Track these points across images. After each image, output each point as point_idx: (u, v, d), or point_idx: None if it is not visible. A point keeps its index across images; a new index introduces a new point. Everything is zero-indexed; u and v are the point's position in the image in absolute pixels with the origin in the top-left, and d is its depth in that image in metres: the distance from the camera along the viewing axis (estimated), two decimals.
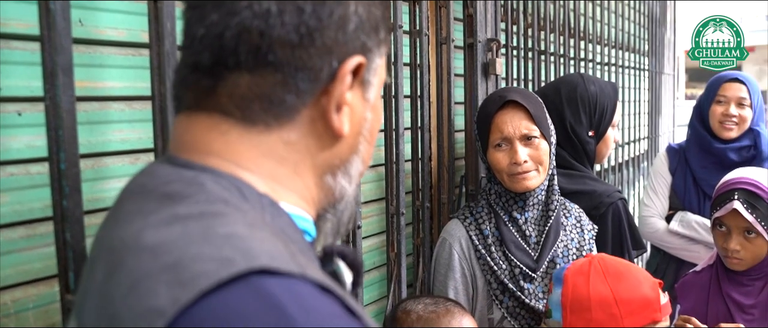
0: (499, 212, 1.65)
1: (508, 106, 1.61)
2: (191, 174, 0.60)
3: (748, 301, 1.81)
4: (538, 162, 1.60)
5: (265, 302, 0.48)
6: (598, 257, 1.41)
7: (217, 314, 0.47)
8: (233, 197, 0.58)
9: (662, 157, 2.61)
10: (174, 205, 0.56)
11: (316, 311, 0.49)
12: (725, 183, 1.85)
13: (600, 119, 1.93)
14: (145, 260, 0.51)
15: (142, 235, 0.54)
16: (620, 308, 1.32)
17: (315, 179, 0.66)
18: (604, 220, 1.82)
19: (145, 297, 0.49)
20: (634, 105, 3.96)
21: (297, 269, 0.51)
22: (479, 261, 1.63)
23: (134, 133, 1.21)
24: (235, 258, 0.50)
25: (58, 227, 0.97)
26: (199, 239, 0.52)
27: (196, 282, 0.48)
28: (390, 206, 1.73)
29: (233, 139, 0.61)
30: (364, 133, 0.69)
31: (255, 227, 0.55)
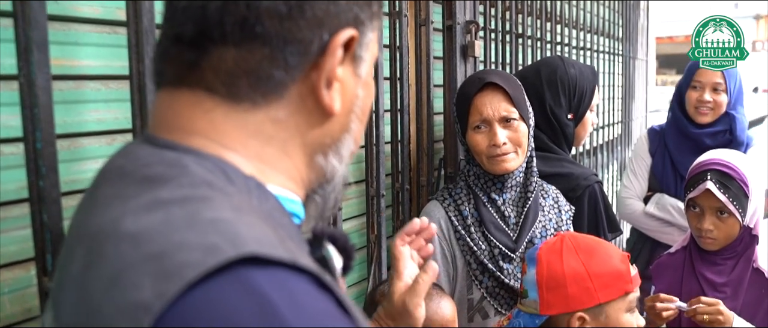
0: (478, 194, 1.66)
1: (488, 88, 1.61)
2: (173, 155, 0.56)
3: (720, 279, 1.85)
4: (517, 144, 1.61)
5: (255, 299, 0.45)
6: (568, 235, 1.43)
7: (204, 311, 0.44)
8: (218, 180, 0.55)
9: (643, 139, 2.64)
10: (155, 189, 0.53)
11: (308, 308, 0.47)
12: (698, 164, 1.88)
13: (579, 102, 1.94)
14: (126, 250, 0.48)
15: (122, 222, 0.50)
16: (594, 281, 1.34)
17: (305, 159, 0.63)
18: (581, 202, 1.84)
19: (128, 291, 0.46)
20: (609, 89, 4.00)
21: (287, 255, 0.49)
22: (459, 242, 1.64)
23: (111, 113, 1.19)
24: (222, 245, 0.47)
25: (35, 208, 0.94)
26: (184, 226, 0.49)
27: (181, 273, 0.45)
28: (370, 188, 1.73)
29: (218, 118, 0.58)
30: (355, 111, 0.66)
31: (242, 211, 0.52)
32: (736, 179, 1.79)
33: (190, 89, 0.59)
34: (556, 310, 1.38)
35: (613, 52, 4.14)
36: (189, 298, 0.45)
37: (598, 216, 1.87)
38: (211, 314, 0.44)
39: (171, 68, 0.60)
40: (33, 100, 0.91)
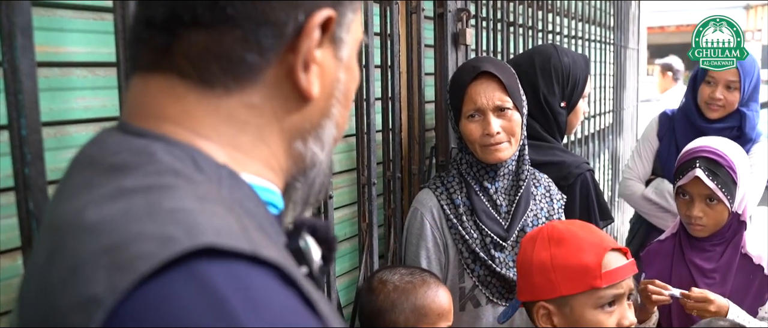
0: (470, 182, 1.65)
1: (482, 77, 1.61)
2: (142, 143, 0.54)
3: (709, 265, 1.86)
4: (511, 133, 1.61)
5: (207, 295, 0.43)
6: (551, 224, 1.42)
7: (155, 307, 0.43)
8: (186, 168, 0.53)
9: (653, 122, 2.64)
10: (120, 178, 0.51)
11: (265, 305, 0.45)
12: (687, 152, 1.89)
13: (572, 91, 1.94)
14: (85, 241, 0.47)
15: (84, 212, 0.49)
16: (556, 273, 1.33)
17: (283, 145, 0.61)
18: (572, 190, 1.84)
19: (83, 284, 0.45)
20: (600, 79, 4.00)
21: (248, 247, 0.47)
22: (451, 230, 1.64)
23: (98, 100, 1.17)
24: (178, 235, 0.45)
25: (21, 196, 0.93)
26: (143, 216, 0.47)
27: (134, 266, 0.44)
28: (361, 177, 1.72)
29: (190, 104, 0.56)
30: (336, 95, 0.64)
31: (206, 201, 0.50)
32: (724, 166, 1.80)
33: (162, 74, 0.57)
34: (525, 297, 1.39)
35: (605, 41, 4.14)
36: (141, 292, 0.43)
37: (590, 204, 1.87)
38: (161, 310, 0.43)
39: (144, 53, 0.58)
40: (17, 86, 0.90)
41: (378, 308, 1.37)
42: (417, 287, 1.38)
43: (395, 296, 1.37)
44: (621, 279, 1.32)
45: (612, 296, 1.31)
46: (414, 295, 1.38)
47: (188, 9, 0.55)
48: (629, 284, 1.35)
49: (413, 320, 1.36)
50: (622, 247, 1.36)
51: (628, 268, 1.34)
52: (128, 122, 0.58)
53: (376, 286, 1.41)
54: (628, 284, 1.34)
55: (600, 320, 1.32)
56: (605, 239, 1.37)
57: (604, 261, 1.32)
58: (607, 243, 1.35)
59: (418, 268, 1.50)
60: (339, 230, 1.80)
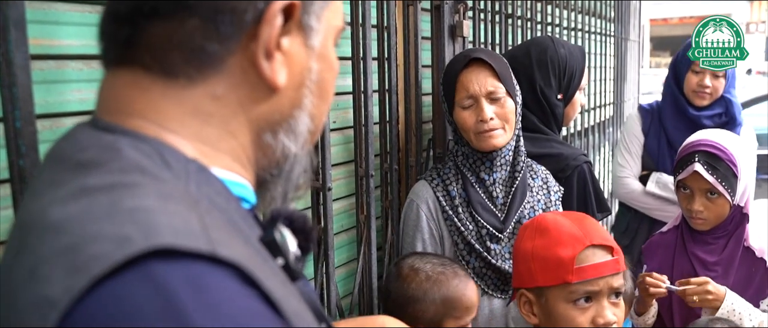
0: (466, 174, 1.66)
1: (474, 65, 1.61)
2: (110, 139, 0.54)
3: (712, 258, 1.86)
4: (505, 120, 1.61)
5: (161, 297, 0.43)
6: (543, 214, 1.42)
7: (108, 309, 0.43)
8: (153, 165, 0.52)
9: (635, 118, 2.62)
10: (85, 175, 0.51)
11: (221, 307, 0.44)
12: (687, 146, 1.89)
13: (569, 83, 1.94)
14: (45, 241, 0.47)
15: (47, 211, 0.49)
16: (535, 264, 1.32)
17: (251, 137, 0.60)
18: (570, 182, 1.84)
19: (40, 284, 0.45)
20: (600, 71, 4.00)
21: (206, 247, 0.46)
22: (446, 222, 1.64)
23: (93, 93, 1.16)
24: (134, 236, 0.45)
25: (16, 188, 0.94)
26: (102, 216, 0.47)
27: (89, 267, 0.44)
28: (359, 169, 1.73)
29: (156, 97, 0.56)
30: (308, 85, 0.62)
31: (169, 199, 0.49)
32: (724, 160, 1.79)
33: (128, 68, 0.57)
34: (514, 283, 1.41)
35: (605, 34, 4.13)
36: (96, 294, 0.43)
37: (588, 196, 1.87)
38: (114, 312, 0.43)
39: (111, 47, 0.58)
40: (11, 79, 0.90)
41: (409, 296, 1.36)
42: (449, 279, 1.38)
43: (427, 286, 1.36)
44: (595, 276, 1.28)
45: (584, 292, 1.29)
46: (446, 286, 1.37)
47: (148, 1, 0.55)
48: (610, 283, 1.30)
49: (442, 311, 1.35)
50: (609, 244, 1.32)
51: (607, 266, 1.29)
52: (99, 117, 0.58)
53: (407, 273, 1.40)
54: (607, 282, 1.29)
55: (571, 315, 1.30)
56: (590, 233, 1.32)
57: (579, 256, 1.29)
58: (590, 238, 1.31)
59: (448, 258, 1.50)
60: (336, 221, 1.80)
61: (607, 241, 1.32)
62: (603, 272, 1.29)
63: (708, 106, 2.45)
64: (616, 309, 1.32)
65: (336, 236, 1.78)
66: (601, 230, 1.38)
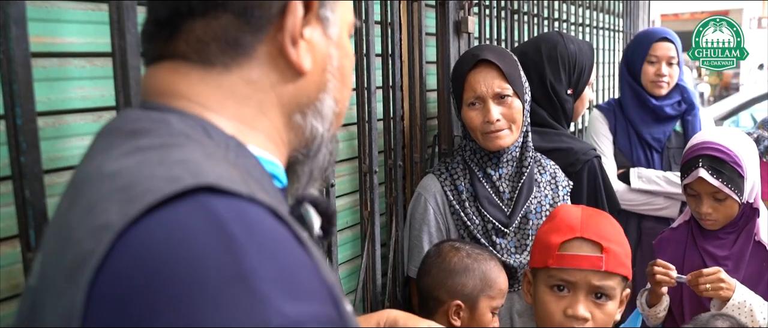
0: (473, 169, 1.67)
1: (482, 65, 1.61)
2: (157, 114, 0.61)
3: (722, 252, 1.85)
4: (511, 121, 1.61)
5: (208, 217, 0.49)
6: (573, 205, 1.45)
7: (162, 228, 0.48)
8: (197, 134, 0.59)
9: (599, 118, 2.59)
10: (137, 139, 0.57)
11: (258, 230, 0.50)
12: (690, 149, 1.88)
13: (578, 78, 1.94)
14: (102, 185, 0.53)
15: (102, 165, 0.55)
16: (535, 245, 1.42)
17: (283, 119, 0.66)
18: (580, 177, 1.84)
19: (97, 216, 0.50)
20: (609, 67, 3.97)
21: (246, 190, 0.52)
22: (453, 216, 1.65)
23: (96, 90, 1.18)
24: (183, 176, 0.51)
25: (17, 184, 0.95)
26: (153, 164, 0.53)
27: (143, 198, 0.49)
28: (363, 165, 1.73)
29: (195, 82, 0.63)
30: (330, 70, 0.69)
31: (212, 157, 0.56)
32: (728, 162, 1.78)
33: (169, 61, 0.64)
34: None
35: (613, 29, 4.10)
36: (149, 219, 0.49)
37: (598, 191, 1.86)
38: (168, 229, 0.48)
39: (153, 47, 0.66)
40: (12, 76, 0.91)
41: (451, 269, 1.43)
42: (488, 260, 1.46)
43: (469, 262, 1.44)
44: (572, 266, 1.29)
45: (560, 278, 1.31)
46: (486, 265, 1.45)
47: (185, 2, 0.62)
48: (589, 279, 1.29)
49: (480, 287, 1.42)
50: (601, 242, 1.30)
51: (588, 260, 1.29)
52: (145, 100, 0.65)
53: (448, 250, 1.47)
54: (586, 277, 1.29)
55: (547, 300, 1.34)
56: (589, 227, 1.32)
57: (564, 243, 1.31)
58: (584, 231, 1.31)
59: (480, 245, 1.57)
60: (340, 218, 1.80)
61: (602, 239, 1.31)
62: (581, 264, 1.29)
63: (666, 95, 2.47)
64: (595, 309, 1.31)
65: (340, 233, 1.78)
66: (609, 229, 1.35)
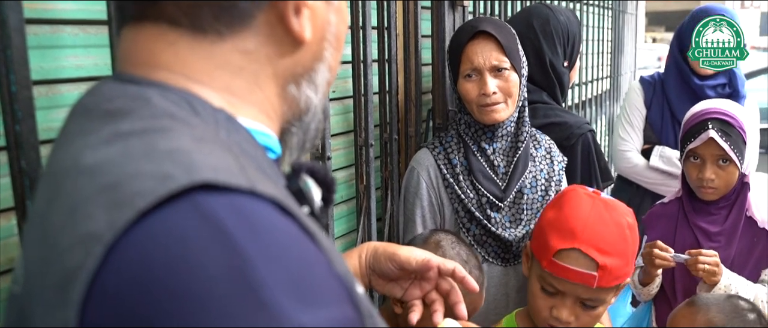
0: (468, 142, 1.65)
1: (480, 37, 1.60)
2: (137, 89, 0.54)
3: (714, 228, 1.86)
4: (507, 94, 1.60)
5: (207, 223, 0.44)
6: (585, 189, 1.43)
7: (157, 238, 0.44)
8: (182, 112, 0.53)
9: (637, 90, 2.56)
10: (116, 122, 0.51)
11: (263, 230, 0.46)
12: (696, 114, 1.88)
13: (572, 49, 1.94)
14: (83, 183, 0.48)
15: (80, 156, 0.50)
16: (538, 230, 1.43)
17: (277, 90, 0.62)
18: (574, 151, 1.84)
19: (82, 222, 0.45)
20: (598, 44, 3.98)
21: (246, 183, 0.47)
22: (447, 190, 1.64)
23: (89, 59, 1.15)
24: (175, 173, 0.46)
25: (13, 154, 0.92)
26: (140, 157, 0.47)
27: (133, 202, 0.44)
28: (359, 138, 1.71)
29: (183, 50, 0.56)
30: (328, 39, 0.64)
31: (203, 141, 0.50)
32: (735, 127, 1.80)
33: (153, 23, 0.57)
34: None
35: (603, 6, 4.10)
36: (141, 226, 0.44)
37: (591, 165, 1.87)
38: (164, 241, 0.43)
39: (132, 3, 0.58)
40: (5, 41, 0.88)
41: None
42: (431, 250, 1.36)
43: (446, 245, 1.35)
44: (565, 278, 1.28)
45: (550, 283, 1.32)
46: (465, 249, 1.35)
47: None
48: (578, 292, 1.29)
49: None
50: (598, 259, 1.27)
51: (581, 276, 1.27)
52: (123, 71, 0.58)
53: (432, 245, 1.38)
54: (575, 290, 1.29)
55: (536, 293, 1.36)
56: (590, 237, 1.29)
57: (560, 253, 1.29)
58: (583, 242, 1.28)
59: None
60: (336, 192, 1.79)
61: (600, 252, 1.28)
62: (573, 278, 1.28)
63: (712, 76, 2.41)
64: (582, 313, 1.31)
65: (335, 207, 1.77)
66: (611, 238, 1.30)
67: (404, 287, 1.06)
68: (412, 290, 1.06)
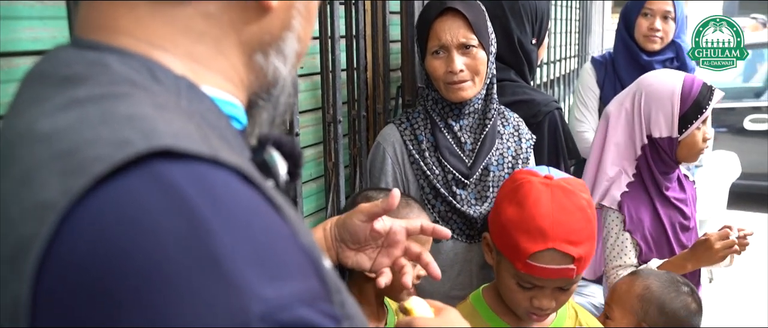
0: (435, 119, 1.65)
1: (448, 14, 1.59)
2: (95, 55, 0.52)
3: (682, 195, 1.90)
4: (475, 72, 1.60)
5: (166, 192, 0.42)
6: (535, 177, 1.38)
7: (114, 208, 0.42)
8: (142, 78, 0.51)
9: (589, 71, 2.61)
10: (73, 88, 0.49)
11: (226, 200, 0.44)
12: None
13: (540, 26, 1.95)
14: (37, 150, 0.46)
15: (35, 123, 0.47)
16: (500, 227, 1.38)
17: (243, 58, 0.59)
18: (541, 128, 1.85)
19: (34, 191, 0.43)
20: (565, 23, 4.00)
21: (208, 150, 0.46)
22: (413, 166, 1.64)
23: (47, 31, 1.12)
24: (134, 139, 0.44)
25: None
26: (97, 123, 0.45)
27: (88, 169, 0.42)
28: (327, 115, 1.70)
29: (143, 15, 0.54)
30: (297, 7, 0.61)
31: (164, 109, 0.48)
32: None
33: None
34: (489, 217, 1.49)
35: None
36: (97, 194, 0.42)
37: (558, 142, 1.89)
38: (120, 210, 0.42)
39: None
40: None
41: None
42: (400, 208, 1.36)
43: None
44: (544, 277, 1.28)
45: (528, 281, 1.30)
46: (395, 214, 1.34)
47: None
48: (557, 284, 1.29)
49: None
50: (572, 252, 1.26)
51: (559, 272, 1.27)
52: (80, 37, 0.56)
53: (360, 201, 1.39)
54: (554, 283, 1.29)
55: (513, 288, 1.33)
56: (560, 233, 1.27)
57: (535, 255, 1.27)
58: (556, 240, 1.27)
59: (405, 193, 1.50)
60: (304, 170, 1.78)
61: (574, 246, 1.27)
62: (551, 276, 1.28)
63: (659, 52, 2.47)
64: (560, 295, 1.32)
65: (304, 185, 1.76)
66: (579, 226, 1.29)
67: (372, 258, 1.06)
68: (380, 258, 1.05)
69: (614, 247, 1.82)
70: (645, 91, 1.83)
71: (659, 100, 1.80)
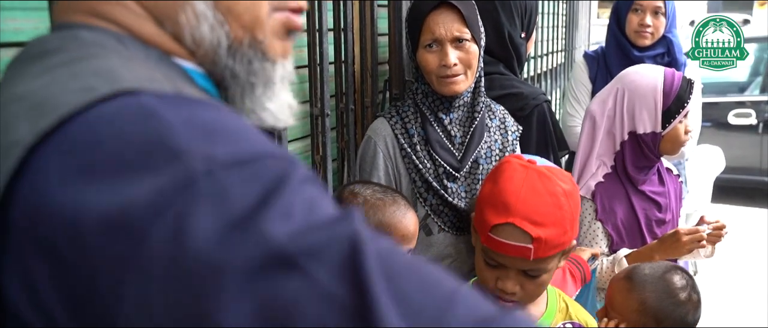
0: (425, 112, 1.65)
1: (442, 8, 1.59)
2: (68, 31, 0.56)
3: (661, 188, 1.91)
4: (467, 66, 1.60)
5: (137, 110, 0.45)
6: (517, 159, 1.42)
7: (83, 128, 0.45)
8: (111, 43, 0.54)
9: (582, 66, 2.62)
10: (48, 59, 0.53)
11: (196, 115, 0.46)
12: None
13: (529, 19, 1.95)
14: (12, 108, 0.49)
15: (13, 90, 0.51)
16: (477, 203, 1.44)
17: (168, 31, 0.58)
18: (529, 121, 1.86)
19: (9, 135, 0.47)
20: (552, 18, 4.01)
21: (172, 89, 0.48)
22: (404, 160, 1.64)
23: (29, 22, 1.10)
24: (98, 85, 0.47)
25: None
26: (66, 79, 0.49)
27: (55, 111, 0.46)
28: (314, 108, 1.69)
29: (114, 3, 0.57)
30: None
31: (131, 62, 0.51)
32: None
33: None
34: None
35: None
36: (63, 128, 0.45)
37: (548, 134, 1.89)
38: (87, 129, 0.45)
39: None
40: None
41: None
42: (387, 205, 1.37)
43: (364, 210, 1.36)
44: (502, 252, 1.29)
45: (491, 257, 1.33)
46: (382, 212, 1.36)
47: None
48: (518, 264, 1.30)
49: None
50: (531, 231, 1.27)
51: (516, 249, 1.28)
52: (57, 21, 0.60)
53: (346, 196, 1.40)
54: (514, 262, 1.30)
55: (481, 266, 1.38)
56: (522, 211, 1.28)
57: (496, 228, 1.30)
58: (516, 216, 1.28)
59: (391, 188, 1.50)
60: None
61: (534, 225, 1.27)
62: (510, 252, 1.29)
63: (650, 47, 2.48)
64: (526, 282, 1.33)
65: None
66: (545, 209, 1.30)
67: None
68: None
69: (586, 235, 1.85)
70: (627, 89, 1.83)
71: (643, 97, 1.81)
